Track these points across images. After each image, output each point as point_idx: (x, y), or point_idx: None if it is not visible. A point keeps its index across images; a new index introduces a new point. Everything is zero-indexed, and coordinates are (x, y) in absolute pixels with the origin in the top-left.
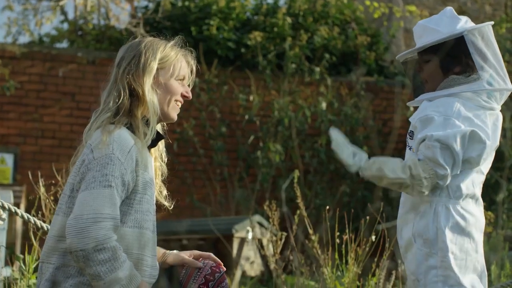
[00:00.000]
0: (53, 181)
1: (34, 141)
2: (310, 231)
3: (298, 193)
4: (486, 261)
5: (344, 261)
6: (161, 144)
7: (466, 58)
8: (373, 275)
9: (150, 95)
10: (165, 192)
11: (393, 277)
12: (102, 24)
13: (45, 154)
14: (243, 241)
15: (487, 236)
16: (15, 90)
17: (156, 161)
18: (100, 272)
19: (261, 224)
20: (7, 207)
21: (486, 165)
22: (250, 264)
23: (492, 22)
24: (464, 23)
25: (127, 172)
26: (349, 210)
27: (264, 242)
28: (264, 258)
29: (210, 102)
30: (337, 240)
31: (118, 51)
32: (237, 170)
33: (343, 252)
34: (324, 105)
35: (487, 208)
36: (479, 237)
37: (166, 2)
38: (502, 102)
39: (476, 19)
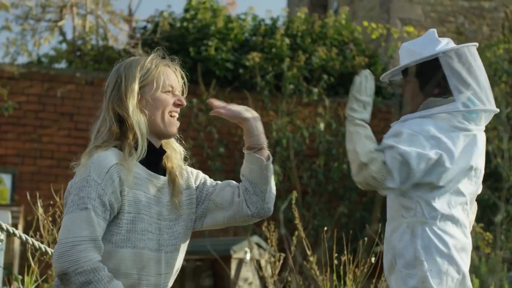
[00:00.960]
0: (51, 202)
1: (32, 162)
2: (308, 252)
3: (296, 214)
4: (484, 283)
5: (342, 282)
6: (179, 155)
7: (444, 80)
8: None
9: (136, 117)
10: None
11: None
12: (101, 44)
13: (43, 174)
14: (241, 262)
15: (486, 257)
16: (13, 110)
17: (173, 171)
18: None
19: (259, 245)
20: (5, 227)
21: (466, 186)
22: (248, 285)
23: (475, 44)
24: (445, 44)
25: (106, 192)
26: (347, 231)
27: (262, 263)
28: (262, 279)
29: (208, 122)
30: (335, 261)
31: None
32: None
33: (341, 273)
34: (322, 126)
35: (485, 229)
36: (462, 258)
37: (164, 23)
38: (485, 122)
39: (473, 40)
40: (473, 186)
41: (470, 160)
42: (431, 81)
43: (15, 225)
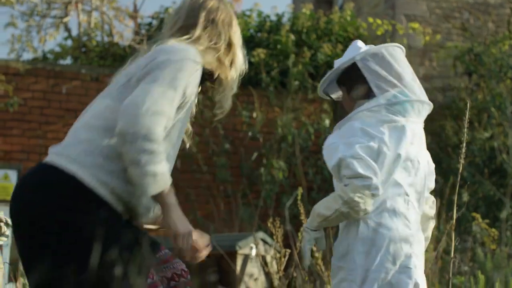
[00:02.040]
0: None
1: (38, 158)
2: (314, 248)
3: (302, 210)
4: (490, 279)
5: None
6: None
7: (367, 82)
8: None
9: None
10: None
11: None
12: (106, 41)
13: None
14: (246, 258)
15: (491, 253)
16: (18, 106)
17: None
18: (140, 159)
19: (264, 241)
20: (10, 223)
21: (402, 176)
22: (254, 281)
23: (395, 44)
24: (364, 50)
25: (190, 85)
26: None
27: (268, 259)
28: (268, 275)
29: (214, 118)
30: None
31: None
32: (241, 187)
33: None
34: (327, 122)
35: (490, 225)
36: (398, 249)
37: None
38: (419, 114)
39: (479, 36)
40: (412, 177)
41: (397, 148)
42: (357, 86)
43: None
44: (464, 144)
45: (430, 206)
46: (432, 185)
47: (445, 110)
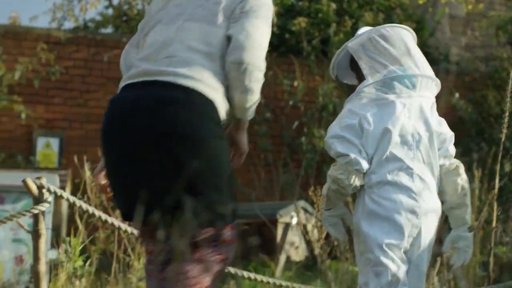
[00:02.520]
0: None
1: (79, 126)
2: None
3: None
4: None
5: None
6: None
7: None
8: None
9: None
10: None
11: (437, 264)
12: (146, 9)
13: (90, 138)
14: (287, 226)
15: None
16: (60, 75)
17: None
18: (254, 88)
19: (305, 210)
20: (53, 190)
21: (401, 151)
22: (295, 249)
23: (388, 25)
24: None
25: None
26: None
27: (309, 227)
28: (308, 243)
29: None
30: None
31: None
32: (282, 156)
33: None
34: None
35: None
36: (404, 219)
37: None
38: (419, 88)
39: None
40: (413, 151)
41: (384, 123)
42: (356, 71)
43: (62, 188)
44: (507, 114)
45: (456, 173)
46: (451, 151)
47: (488, 80)
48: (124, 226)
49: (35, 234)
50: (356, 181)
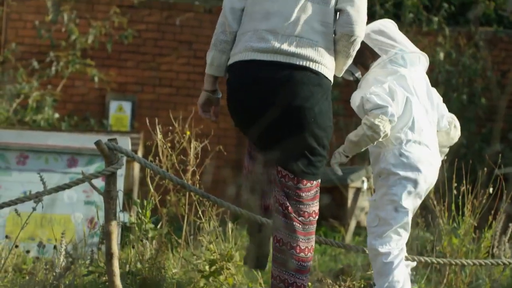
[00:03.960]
0: (170, 128)
1: (152, 89)
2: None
3: None
4: None
5: (460, 213)
6: None
7: (373, 52)
8: (490, 227)
9: None
10: None
11: (510, 230)
12: None
13: (162, 102)
14: (358, 191)
15: None
16: (133, 38)
17: None
18: (352, 54)
19: None
20: (125, 152)
21: (417, 112)
22: (365, 214)
23: (384, 20)
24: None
25: None
26: (466, 162)
27: None
28: None
29: None
30: (454, 192)
31: None
32: (353, 120)
33: (460, 204)
34: (441, 55)
35: None
36: (426, 168)
37: None
38: (418, 63)
39: None
40: (427, 116)
41: (404, 92)
42: (365, 60)
43: (134, 151)
44: None
45: (454, 127)
46: (446, 112)
47: None
48: (195, 188)
49: (107, 196)
50: (388, 130)
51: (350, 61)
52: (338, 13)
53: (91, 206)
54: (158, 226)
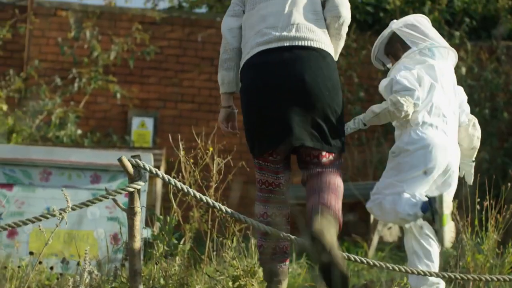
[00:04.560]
0: (193, 145)
1: (174, 105)
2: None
3: None
4: None
5: (484, 228)
6: None
7: (405, 44)
8: None
9: None
10: None
11: None
12: None
13: (185, 118)
14: None
15: None
16: (155, 55)
17: None
18: (345, 35)
19: None
20: (147, 168)
21: (441, 101)
22: (388, 230)
23: (418, 15)
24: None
25: None
26: (489, 176)
27: None
28: None
29: (348, 66)
30: (477, 207)
31: None
32: (375, 135)
33: (483, 219)
34: (463, 70)
35: None
36: (437, 151)
37: None
38: (447, 56)
39: None
40: (447, 103)
41: (431, 79)
42: (397, 51)
43: (157, 167)
44: None
45: (473, 126)
46: (468, 110)
47: None
48: (218, 204)
49: (131, 212)
50: (410, 111)
51: (342, 42)
52: (325, 2)
53: (114, 222)
54: (181, 242)
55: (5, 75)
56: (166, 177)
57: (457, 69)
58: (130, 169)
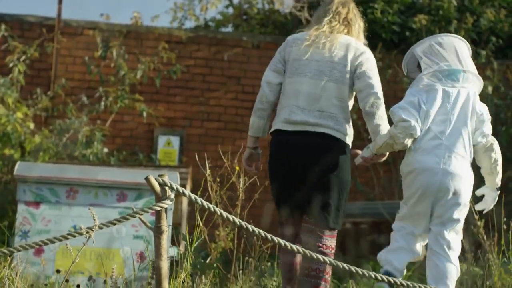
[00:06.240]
0: (219, 163)
1: (200, 124)
2: (476, 217)
3: None
4: None
5: (510, 247)
6: None
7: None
8: None
9: None
10: None
11: None
12: (267, 8)
13: (211, 137)
14: None
15: None
16: (181, 74)
17: None
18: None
19: None
20: (174, 187)
21: (436, 126)
22: None
23: (439, 35)
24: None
25: None
26: None
27: None
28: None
29: None
30: (504, 226)
31: (282, 35)
32: (401, 154)
33: (510, 238)
34: (490, 89)
35: None
36: (427, 175)
37: None
38: (462, 80)
39: None
40: (444, 127)
41: (430, 105)
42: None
43: (183, 186)
44: None
45: (491, 149)
46: (487, 131)
47: None
48: (244, 223)
49: (158, 231)
50: (408, 142)
51: (377, 121)
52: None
53: (140, 240)
54: (207, 261)
55: (32, 93)
56: (193, 196)
57: (483, 88)
58: (157, 188)
